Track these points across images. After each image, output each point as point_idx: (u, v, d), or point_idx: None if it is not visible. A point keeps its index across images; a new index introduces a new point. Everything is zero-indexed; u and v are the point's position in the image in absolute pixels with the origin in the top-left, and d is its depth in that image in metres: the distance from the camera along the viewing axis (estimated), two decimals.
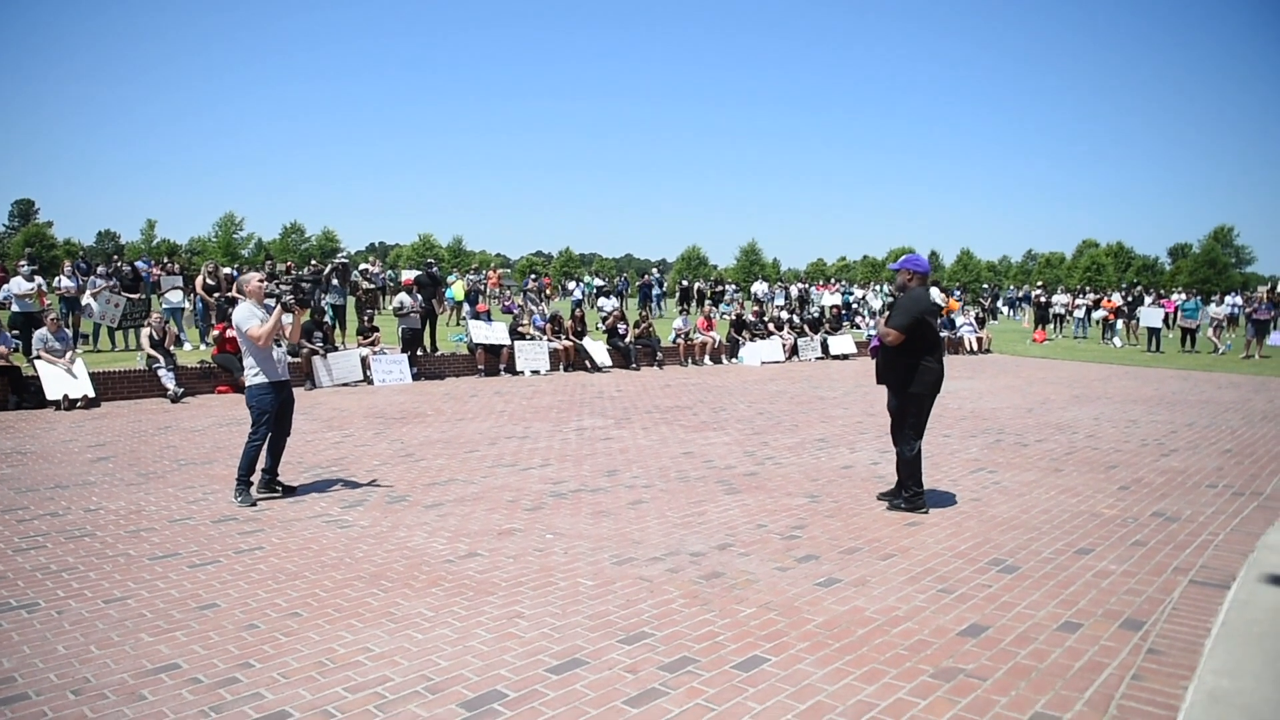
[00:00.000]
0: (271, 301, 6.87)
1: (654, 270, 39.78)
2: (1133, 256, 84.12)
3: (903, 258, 6.68)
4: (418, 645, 4.01)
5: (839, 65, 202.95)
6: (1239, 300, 30.90)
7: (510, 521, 6.20)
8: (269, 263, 23.35)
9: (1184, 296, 29.51)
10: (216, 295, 16.56)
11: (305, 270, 18.70)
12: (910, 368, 6.39)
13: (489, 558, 5.36)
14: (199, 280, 17.06)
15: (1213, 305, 27.68)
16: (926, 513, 6.46)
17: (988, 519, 6.34)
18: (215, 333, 14.04)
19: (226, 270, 22.18)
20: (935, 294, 30.62)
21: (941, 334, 22.62)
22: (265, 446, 6.78)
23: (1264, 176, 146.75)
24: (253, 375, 6.68)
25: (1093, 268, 78.92)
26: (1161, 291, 36.15)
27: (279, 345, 6.82)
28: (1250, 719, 3.30)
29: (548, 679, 3.67)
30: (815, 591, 4.78)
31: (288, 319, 6.89)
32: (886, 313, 7.17)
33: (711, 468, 8.11)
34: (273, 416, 6.70)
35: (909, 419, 6.48)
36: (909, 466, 6.52)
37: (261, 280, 6.95)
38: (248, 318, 6.66)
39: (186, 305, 18.08)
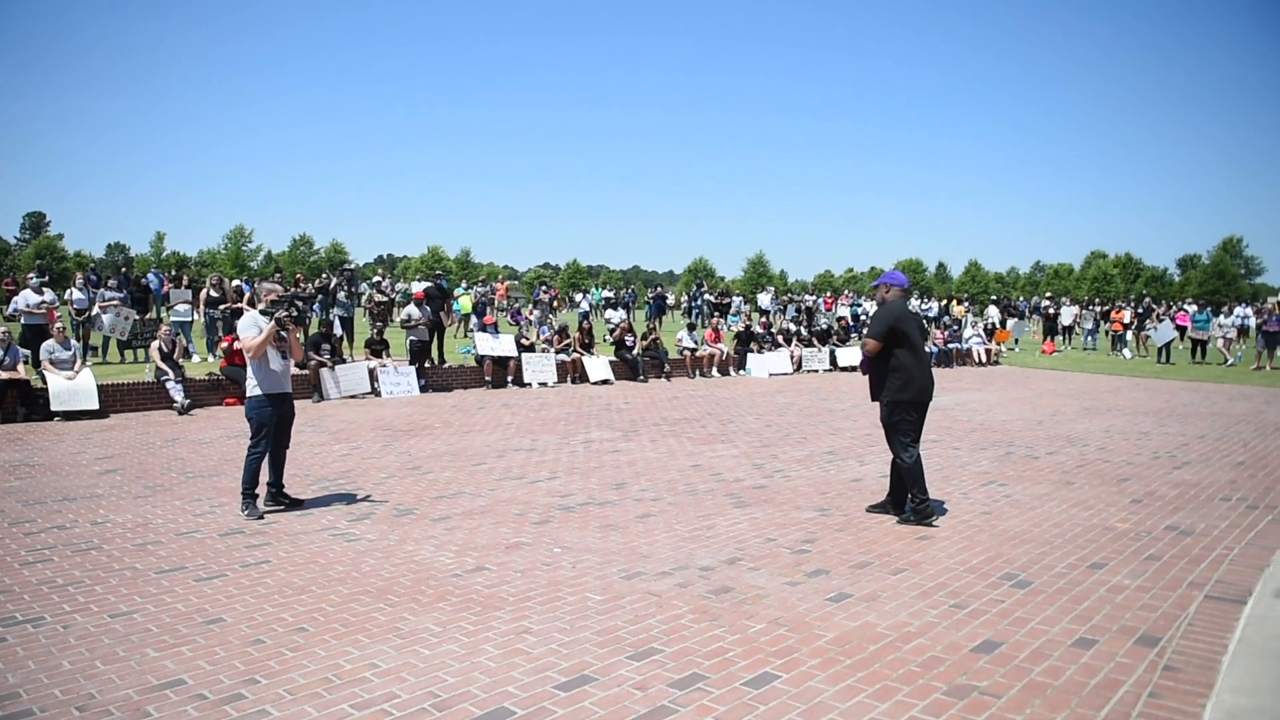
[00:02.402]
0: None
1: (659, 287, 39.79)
2: (1141, 268, 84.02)
3: (883, 274, 6.86)
4: (425, 661, 3.98)
5: (847, 75, 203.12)
6: (1249, 311, 30.75)
7: (518, 535, 6.17)
8: (278, 275, 23.39)
9: (1195, 308, 29.38)
10: (222, 307, 16.59)
11: (307, 287, 18.71)
12: (893, 375, 6.46)
13: (496, 572, 5.32)
14: (204, 293, 17.11)
15: (1221, 316, 27.50)
16: (935, 525, 6.42)
17: (999, 533, 6.28)
18: (224, 345, 14.07)
19: (235, 282, 22.26)
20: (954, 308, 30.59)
21: (949, 346, 22.69)
22: (266, 459, 6.77)
23: (1272, 187, 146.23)
24: (251, 387, 6.67)
25: (1101, 279, 78.79)
26: (1172, 304, 35.94)
27: (284, 358, 6.81)
28: None
29: (556, 696, 3.63)
30: (826, 607, 4.73)
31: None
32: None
33: (720, 481, 8.06)
34: (272, 429, 6.68)
35: (901, 426, 6.49)
36: (910, 475, 6.49)
37: (277, 292, 6.96)
38: (248, 327, 6.66)
39: (194, 318, 18.13)
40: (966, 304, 40.08)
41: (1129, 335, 28.04)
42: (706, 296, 34.37)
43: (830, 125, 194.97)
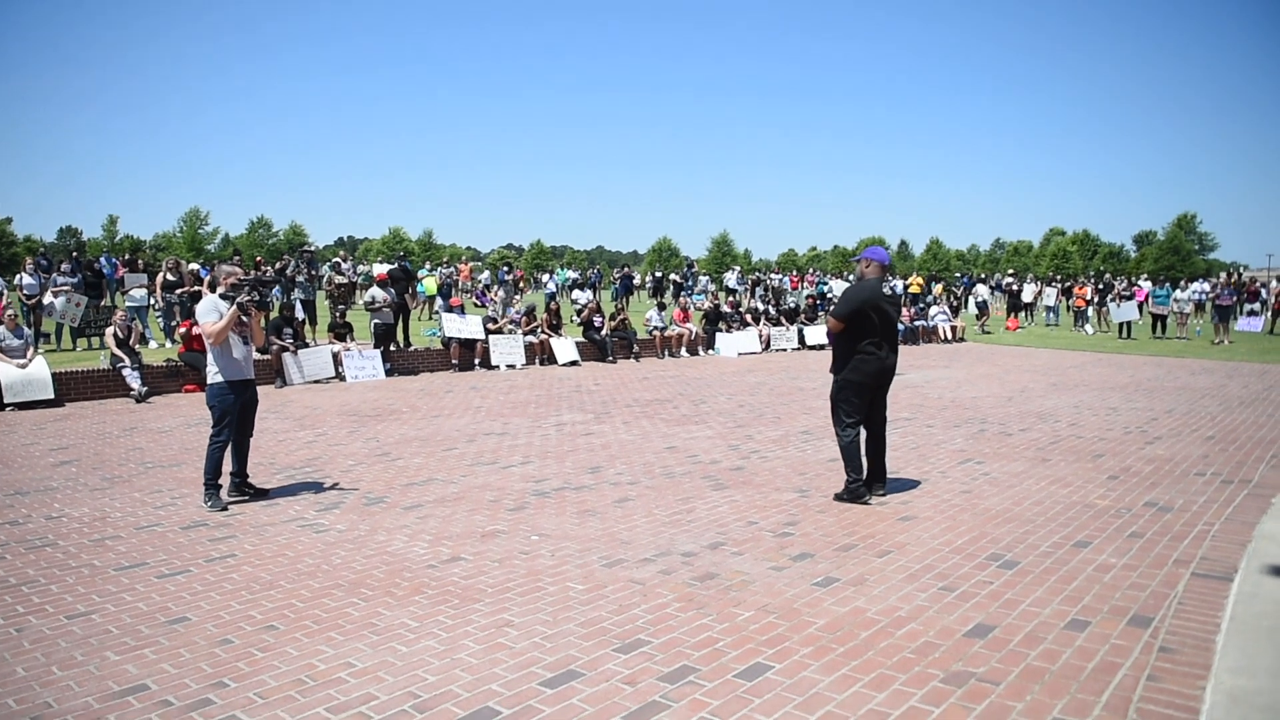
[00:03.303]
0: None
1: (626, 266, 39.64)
2: (1099, 244, 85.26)
3: (867, 249, 6.72)
4: (402, 659, 3.81)
5: (808, 56, 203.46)
6: (1205, 287, 31.26)
7: (493, 523, 6.00)
8: (236, 258, 22.81)
9: (1152, 284, 29.82)
10: (179, 291, 16.14)
11: (267, 270, 18.28)
12: (849, 354, 6.38)
13: (473, 562, 5.15)
14: (160, 277, 16.64)
15: (1178, 291, 27.93)
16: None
17: (981, 512, 6.23)
18: (182, 330, 13.67)
19: (192, 266, 21.69)
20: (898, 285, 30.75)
21: (915, 324, 22.78)
22: (230, 449, 6.52)
23: (1226, 164, 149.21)
24: (212, 374, 6.41)
25: (1060, 255, 79.83)
26: (1131, 279, 36.46)
27: (246, 343, 6.55)
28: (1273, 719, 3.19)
29: (543, 693, 3.48)
30: (814, 592, 4.63)
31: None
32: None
33: (696, 463, 7.94)
34: (234, 417, 6.43)
35: (845, 405, 6.43)
36: (845, 454, 6.45)
37: (238, 275, 6.66)
38: (208, 312, 6.38)
39: (151, 303, 17.65)
40: (944, 283, 40.26)
41: (1090, 311, 28.39)
42: (700, 276, 34.40)
43: (792, 105, 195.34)
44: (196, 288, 16.17)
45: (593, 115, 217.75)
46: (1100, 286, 30.85)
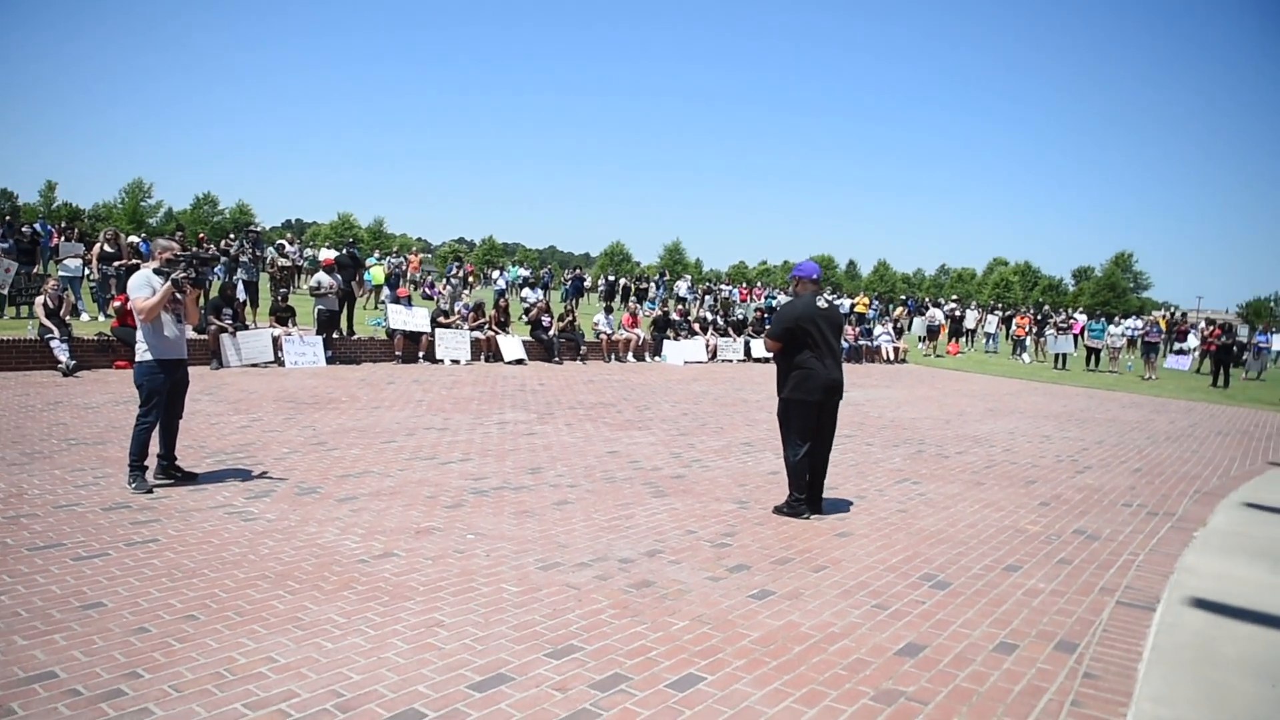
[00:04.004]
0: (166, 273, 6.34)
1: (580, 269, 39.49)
2: (1039, 276, 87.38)
3: (796, 266, 6.69)
4: (327, 656, 3.70)
5: (766, 70, 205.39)
6: (1138, 324, 32.24)
7: (429, 519, 5.89)
8: (179, 233, 22.19)
9: (1086, 318, 30.67)
10: (117, 264, 15.64)
11: (210, 247, 17.81)
12: (794, 372, 6.38)
13: (406, 559, 5.05)
14: (96, 248, 16.10)
15: (1112, 326, 28.76)
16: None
17: (916, 532, 6.30)
18: (116, 304, 13.24)
19: (132, 238, 21.05)
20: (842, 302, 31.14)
21: (859, 343, 23.09)
22: (158, 430, 6.30)
23: (1162, 206, 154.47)
24: (141, 352, 6.18)
25: (1002, 284, 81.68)
26: (1069, 312, 37.42)
27: (179, 322, 6.34)
28: None
29: (470, 697, 3.41)
30: (749, 604, 4.62)
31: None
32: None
33: (638, 468, 7.91)
34: (163, 398, 6.22)
35: (792, 424, 6.43)
36: (790, 471, 6.48)
37: (174, 250, 6.44)
38: (140, 286, 6.14)
39: (86, 274, 17.07)
40: (905, 305, 40.78)
41: (1029, 340, 29.09)
42: (624, 282, 34.28)
43: (751, 120, 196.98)
44: (135, 261, 15.68)
45: (551, 116, 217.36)
46: (1039, 317, 31.65)
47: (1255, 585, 5.36)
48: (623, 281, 37.06)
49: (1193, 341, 28.39)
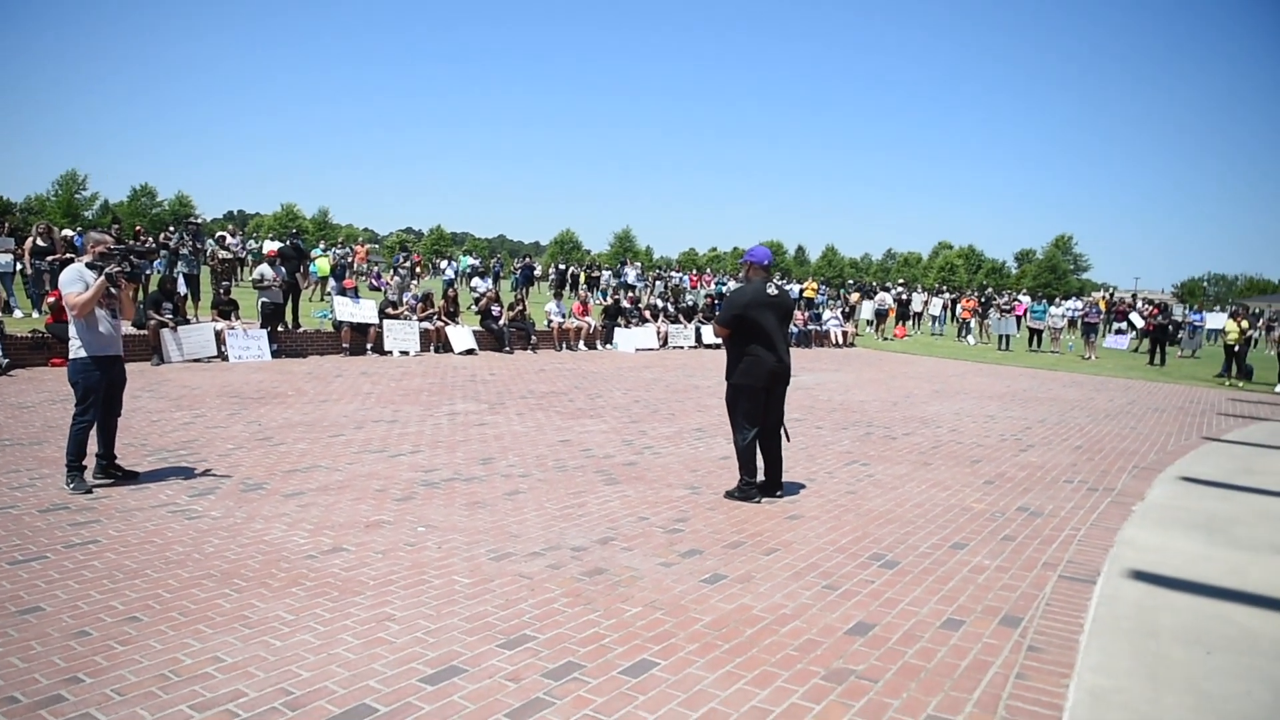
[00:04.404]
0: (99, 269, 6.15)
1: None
2: (983, 259, 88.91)
3: (747, 251, 6.73)
4: (276, 654, 3.64)
5: (714, 60, 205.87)
6: (1078, 305, 33.05)
7: (379, 513, 5.82)
8: (116, 226, 21.56)
9: (1030, 299, 31.34)
10: (50, 259, 15.17)
11: (148, 240, 17.35)
12: (740, 356, 6.45)
13: (355, 553, 4.99)
14: (28, 242, 15.60)
15: (1053, 307, 29.44)
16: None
17: (864, 513, 6.39)
18: (50, 300, 12.84)
19: (66, 232, 20.42)
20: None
21: (808, 328, 23.31)
22: (95, 428, 6.14)
23: (1100, 189, 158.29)
24: (75, 349, 6.00)
25: (947, 268, 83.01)
26: (1012, 294, 38.20)
27: (114, 317, 6.16)
28: (1130, 716, 3.35)
29: (422, 690, 3.38)
30: (701, 589, 4.65)
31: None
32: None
33: (590, 457, 7.90)
34: (100, 396, 6.05)
35: (740, 409, 6.49)
36: (740, 456, 6.54)
37: (107, 243, 6.25)
38: (72, 281, 5.95)
39: (17, 268, 16.53)
40: (864, 290, 41.13)
41: (973, 322, 29.65)
42: (573, 270, 34.17)
43: (698, 107, 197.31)
44: (69, 255, 15.22)
45: (499, 105, 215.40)
46: (983, 300, 32.27)
47: (1191, 556, 5.54)
48: (572, 269, 36.91)
49: (1137, 321, 29.16)
